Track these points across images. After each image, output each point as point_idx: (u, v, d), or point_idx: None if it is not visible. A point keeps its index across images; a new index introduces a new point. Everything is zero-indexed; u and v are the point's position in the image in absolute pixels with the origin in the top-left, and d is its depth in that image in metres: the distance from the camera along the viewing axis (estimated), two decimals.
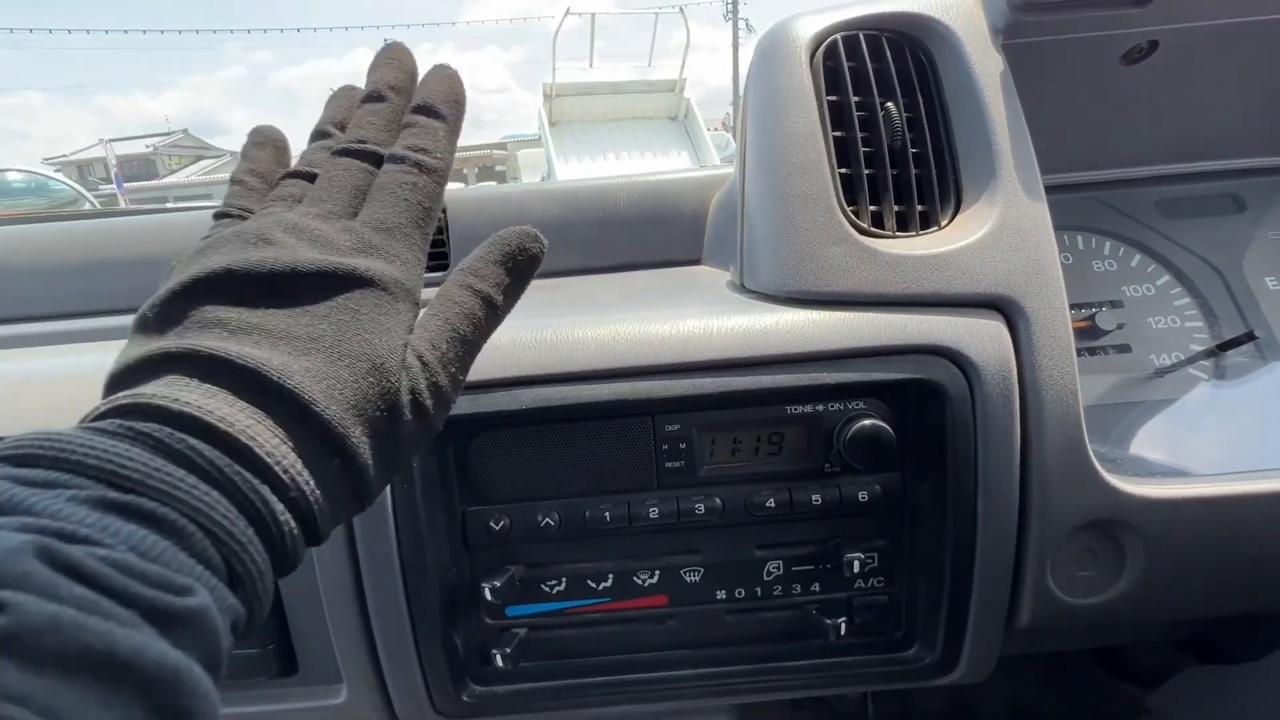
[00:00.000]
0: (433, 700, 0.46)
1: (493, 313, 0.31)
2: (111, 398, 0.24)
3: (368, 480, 0.26)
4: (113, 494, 0.20)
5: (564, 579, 0.46)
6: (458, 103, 0.34)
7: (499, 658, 0.44)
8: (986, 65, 0.46)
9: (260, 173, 0.33)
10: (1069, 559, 0.44)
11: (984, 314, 0.43)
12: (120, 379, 0.25)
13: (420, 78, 0.35)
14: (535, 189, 0.75)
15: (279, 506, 0.23)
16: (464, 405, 0.41)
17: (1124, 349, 0.55)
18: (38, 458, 0.20)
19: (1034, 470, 0.42)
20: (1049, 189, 0.45)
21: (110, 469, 0.20)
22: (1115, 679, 0.67)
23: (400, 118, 0.33)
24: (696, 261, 0.73)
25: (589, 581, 0.46)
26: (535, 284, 0.78)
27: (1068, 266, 0.57)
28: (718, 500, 0.44)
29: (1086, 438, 0.41)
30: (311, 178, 0.32)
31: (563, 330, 0.43)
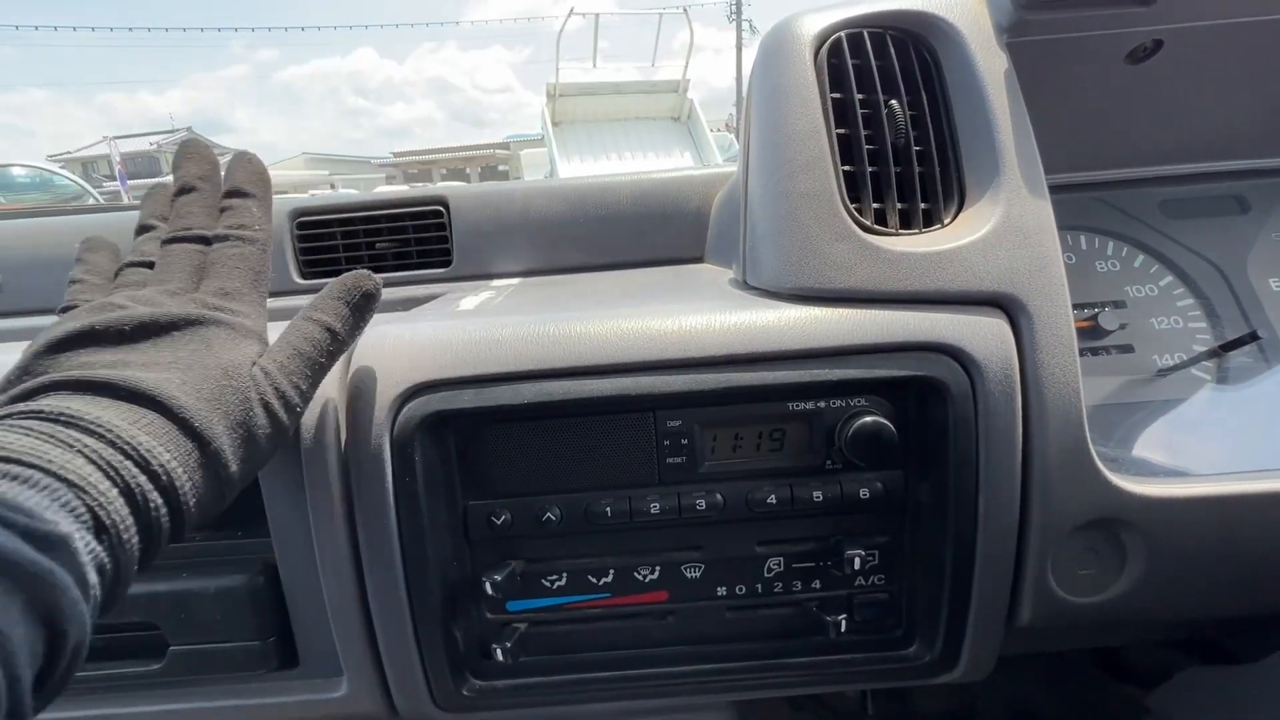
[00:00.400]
0: (433, 694, 0.46)
1: (334, 338, 0.37)
2: None
3: (224, 463, 0.31)
4: None
5: (565, 574, 0.46)
6: (262, 180, 0.40)
7: (499, 652, 0.44)
8: (990, 63, 0.46)
9: (98, 272, 0.38)
10: (1070, 557, 0.44)
11: (987, 312, 0.43)
12: None
13: (225, 165, 0.41)
14: (538, 185, 0.75)
15: (142, 478, 0.27)
16: (466, 399, 0.41)
17: (1127, 349, 0.55)
18: None
19: (1036, 468, 0.42)
20: (1052, 188, 0.45)
21: None
22: (1116, 680, 0.67)
23: (212, 201, 0.39)
24: (699, 259, 0.73)
25: (589, 577, 0.46)
26: (537, 280, 0.78)
27: (1071, 266, 0.57)
28: (719, 496, 0.44)
29: (1089, 436, 0.41)
30: (149, 265, 0.37)
31: (565, 325, 0.43)
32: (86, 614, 0.24)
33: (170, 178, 0.41)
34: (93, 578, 0.24)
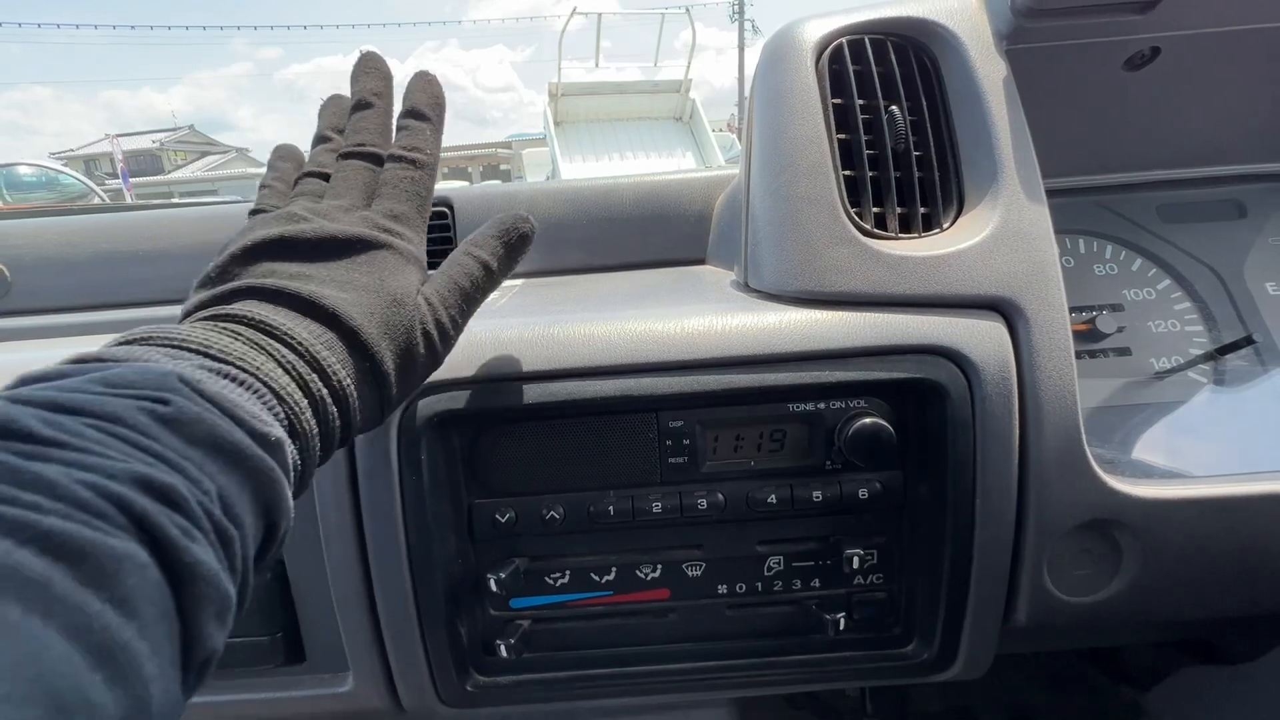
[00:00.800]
0: (437, 689, 0.46)
1: (489, 274, 0.38)
2: (199, 313, 0.30)
3: (389, 384, 0.33)
4: (209, 362, 0.26)
5: (567, 572, 0.47)
6: (439, 104, 0.41)
7: (503, 648, 0.44)
8: (989, 70, 0.47)
9: (284, 180, 0.40)
10: (1066, 558, 0.44)
11: (984, 315, 0.43)
12: (198, 307, 0.31)
13: (404, 83, 0.41)
14: (542, 187, 0.76)
15: (325, 391, 0.29)
16: (471, 399, 0.42)
17: (1124, 352, 0.55)
18: (151, 337, 0.27)
19: (1032, 470, 0.42)
20: (1051, 193, 0.46)
21: (205, 349, 0.27)
22: (1112, 680, 0.68)
23: (386, 119, 0.40)
24: (701, 261, 0.73)
25: (592, 575, 0.47)
26: (541, 281, 0.79)
27: (1069, 270, 0.58)
28: (720, 496, 0.44)
29: (1084, 438, 0.42)
30: (324, 176, 0.39)
31: (568, 326, 0.43)
32: (292, 507, 0.26)
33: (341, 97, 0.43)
34: (294, 475, 0.27)
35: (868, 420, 0.42)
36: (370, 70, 0.41)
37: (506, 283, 0.73)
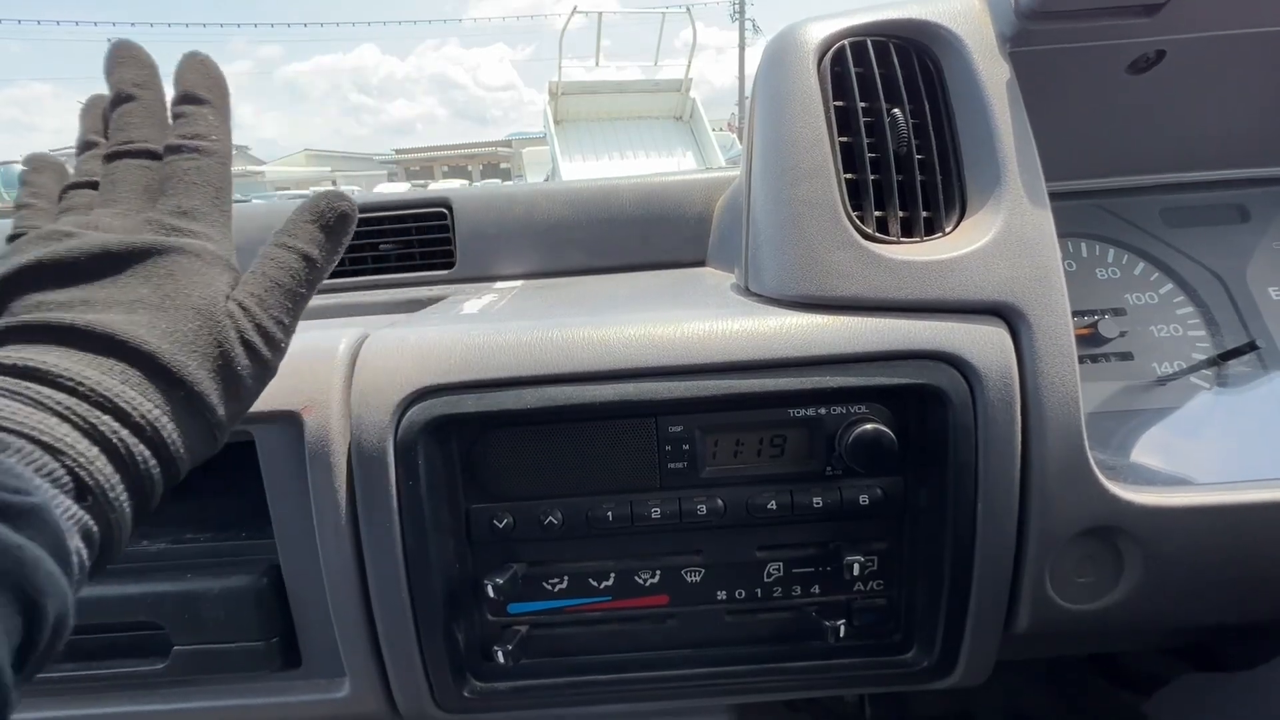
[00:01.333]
0: (434, 695, 0.46)
1: (311, 265, 0.33)
2: None
3: (210, 408, 0.29)
4: None
5: (566, 577, 0.46)
6: (218, 85, 0.35)
7: (500, 654, 0.44)
8: (993, 73, 0.46)
9: (45, 195, 0.34)
10: (1068, 565, 0.44)
11: (987, 320, 0.43)
12: None
13: (176, 69, 0.36)
14: (541, 189, 0.75)
15: (124, 432, 0.25)
16: (469, 403, 0.42)
17: (1126, 357, 0.55)
18: None
19: (1034, 476, 0.42)
20: (1053, 196, 0.45)
21: None
22: (1112, 686, 0.68)
23: (155, 111, 0.34)
24: (701, 263, 0.73)
25: (591, 580, 0.46)
26: (540, 283, 0.78)
27: (1071, 274, 0.58)
28: (719, 501, 0.44)
29: (1087, 444, 0.42)
30: (93, 186, 0.33)
31: (567, 330, 0.43)
32: (66, 585, 0.22)
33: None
34: (75, 544, 0.23)
35: (869, 426, 0.42)
36: (126, 59, 0.34)
37: (504, 285, 0.73)
